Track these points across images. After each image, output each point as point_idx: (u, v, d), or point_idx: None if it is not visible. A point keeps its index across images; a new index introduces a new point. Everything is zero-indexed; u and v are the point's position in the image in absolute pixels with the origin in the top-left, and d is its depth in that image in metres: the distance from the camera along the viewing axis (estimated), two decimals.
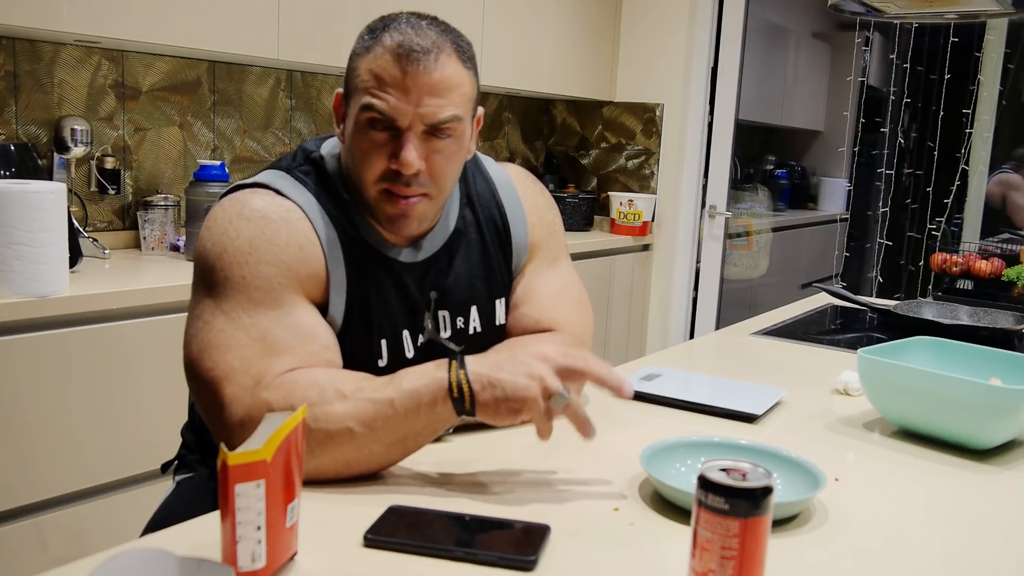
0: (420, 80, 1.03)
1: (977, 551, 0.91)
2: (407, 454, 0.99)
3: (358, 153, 1.07)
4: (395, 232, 1.11)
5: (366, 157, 1.06)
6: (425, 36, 1.04)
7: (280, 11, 2.36)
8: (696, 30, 3.65)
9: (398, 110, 1.03)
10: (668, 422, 1.27)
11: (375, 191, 1.08)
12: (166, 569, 0.66)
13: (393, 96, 1.03)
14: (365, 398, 0.95)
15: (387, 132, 1.05)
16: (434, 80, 1.03)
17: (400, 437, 0.96)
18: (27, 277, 1.71)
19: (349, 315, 1.09)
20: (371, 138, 1.05)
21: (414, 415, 0.95)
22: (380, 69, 1.03)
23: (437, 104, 1.04)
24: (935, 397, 1.17)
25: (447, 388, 0.95)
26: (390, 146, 1.05)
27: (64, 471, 1.81)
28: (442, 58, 1.04)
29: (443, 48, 1.05)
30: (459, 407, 0.95)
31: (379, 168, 1.06)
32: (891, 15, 2.37)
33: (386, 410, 0.95)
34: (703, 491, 0.72)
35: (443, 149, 1.07)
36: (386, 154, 1.05)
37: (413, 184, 1.06)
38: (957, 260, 2.48)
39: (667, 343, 3.77)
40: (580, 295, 1.29)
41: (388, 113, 1.03)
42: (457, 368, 0.95)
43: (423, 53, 1.03)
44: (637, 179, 3.78)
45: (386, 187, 1.07)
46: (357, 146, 1.07)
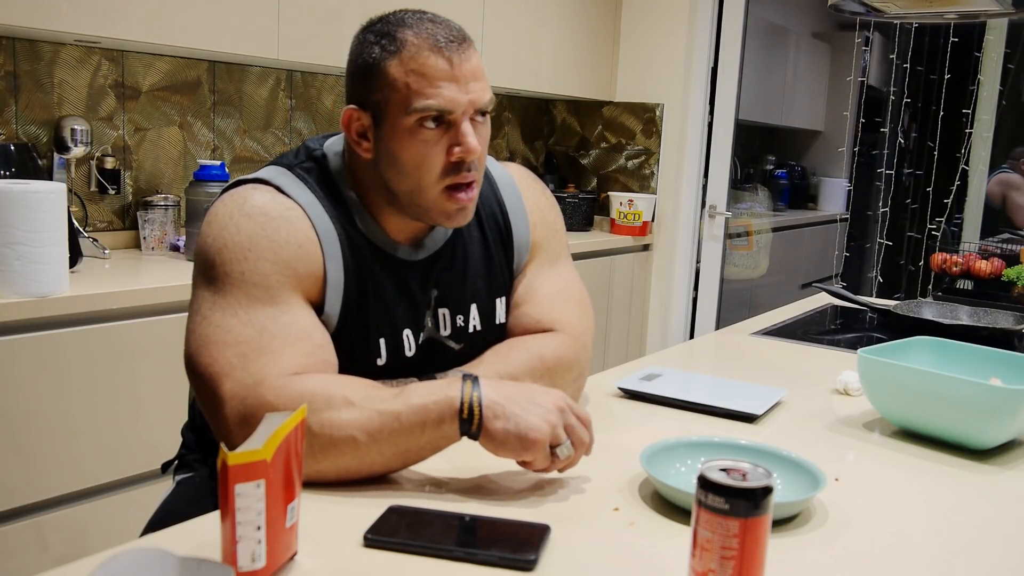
0: (465, 67, 1.04)
1: (977, 551, 0.91)
2: (406, 466, 0.99)
3: (411, 159, 1.05)
4: (456, 224, 1.11)
5: (424, 160, 1.05)
6: (447, 26, 1.06)
7: (280, 11, 2.36)
8: (696, 30, 3.65)
9: (455, 101, 1.03)
10: (668, 422, 1.27)
11: (437, 191, 1.07)
12: (166, 569, 0.66)
13: (447, 89, 1.03)
14: (372, 408, 0.95)
15: (439, 127, 1.05)
16: (473, 65, 1.05)
17: (402, 450, 0.96)
18: (27, 277, 1.71)
19: (345, 314, 1.09)
20: (425, 139, 1.04)
21: (419, 431, 0.95)
22: (422, 67, 1.03)
23: (481, 88, 1.06)
24: (935, 397, 1.17)
25: (457, 407, 0.95)
26: (445, 140, 1.05)
27: (64, 471, 1.81)
28: (468, 44, 1.06)
29: (465, 35, 1.07)
30: (464, 428, 0.95)
31: (439, 166, 1.05)
32: (891, 15, 2.37)
33: (392, 423, 0.95)
34: (703, 491, 0.72)
35: (484, 132, 1.09)
36: (443, 149, 1.05)
37: (473, 169, 1.07)
38: (957, 260, 2.48)
39: (667, 343, 3.77)
40: (581, 295, 1.29)
41: (446, 107, 1.03)
42: (471, 389, 0.96)
43: (458, 42, 1.04)
44: (637, 179, 3.78)
45: (450, 182, 1.06)
46: (408, 152, 1.05)
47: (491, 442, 0.95)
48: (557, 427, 0.95)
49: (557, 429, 0.95)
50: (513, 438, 0.94)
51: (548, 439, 0.94)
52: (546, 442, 0.94)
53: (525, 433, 0.94)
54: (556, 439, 0.95)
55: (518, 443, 0.94)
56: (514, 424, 0.94)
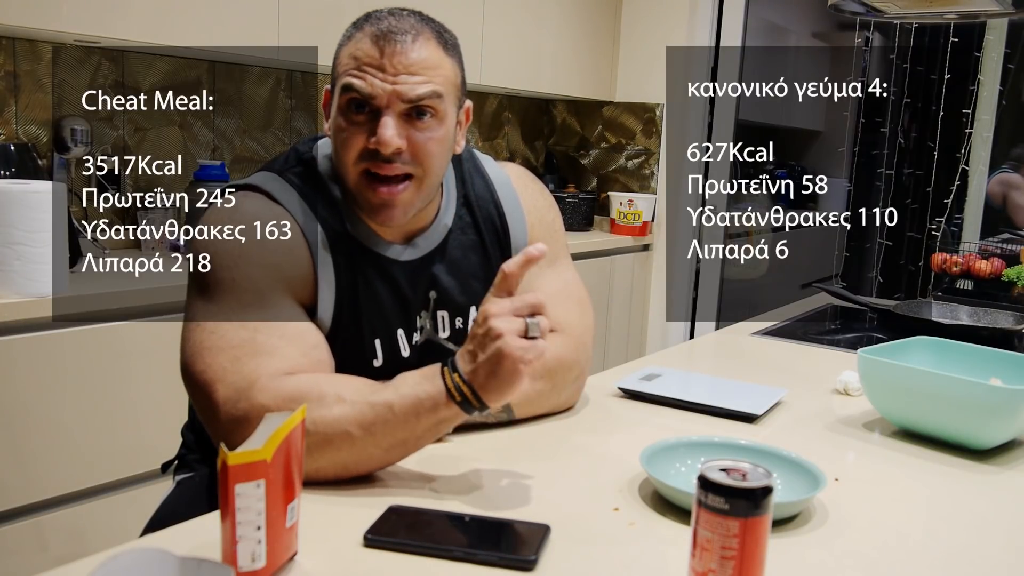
0: (396, 59, 1.04)
1: (977, 551, 0.91)
2: (407, 456, 0.99)
3: (337, 136, 1.08)
4: (382, 223, 1.11)
5: (344, 140, 1.07)
6: (404, 21, 1.07)
7: (280, 11, 2.36)
8: (696, 30, 3.65)
9: (375, 87, 1.04)
10: (668, 422, 1.27)
11: (355, 173, 1.08)
12: (166, 569, 0.66)
13: (370, 75, 1.04)
14: (364, 401, 0.95)
15: (366, 114, 1.06)
16: (411, 59, 1.05)
17: (399, 441, 0.96)
18: (27, 277, 1.71)
19: (339, 315, 1.09)
20: (350, 119, 1.06)
21: (414, 419, 0.95)
22: (358, 51, 1.05)
23: (415, 81, 1.05)
24: (935, 397, 1.17)
25: (447, 395, 0.94)
26: (369, 126, 1.06)
27: (64, 471, 1.81)
28: (420, 40, 1.06)
29: (421, 32, 1.07)
30: (468, 408, 0.95)
31: (357, 147, 1.06)
32: (891, 15, 2.37)
33: (385, 414, 0.95)
34: (703, 491, 0.72)
35: (424, 129, 1.07)
36: (365, 134, 1.06)
37: (396, 161, 1.06)
38: (957, 260, 2.48)
39: (667, 343, 3.77)
40: (580, 295, 1.29)
41: (365, 91, 1.04)
42: (450, 373, 0.95)
43: (401, 34, 1.05)
44: (637, 179, 3.78)
45: (365, 167, 1.07)
46: (337, 129, 1.08)
47: (495, 395, 0.93)
48: (504, 330, 0.92)
49: (504, 329, 0.92)
50: (498, 376, 0.92)
51: (512, 344, 0.91)
52: (511, 348, 0.91)
53: (496, 362, 0.91)
54: (520, 333, 0.92)
55: (505, 372, 0.92)
56: (487, 368, 0.92)
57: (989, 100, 4.07)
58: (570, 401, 1.26)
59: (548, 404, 1.22)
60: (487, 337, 0.93)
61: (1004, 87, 4.10)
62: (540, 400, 1.20)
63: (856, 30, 4.22)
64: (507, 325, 0.92)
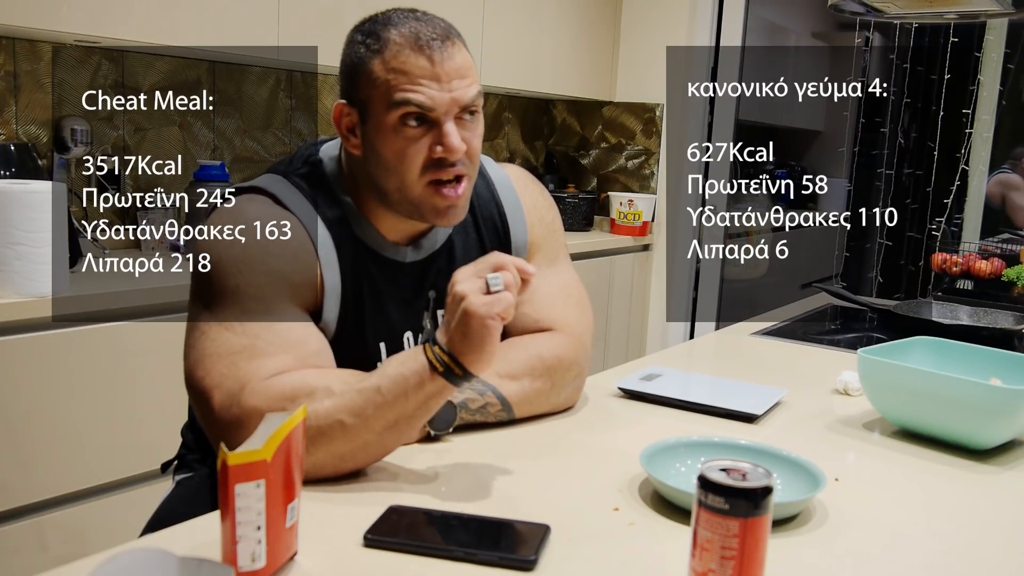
0: (447, 66, 1.04)
1: (977, 551, 0.91)
2: (401, 439, 0.99)
3: (394, 155, 1.06)
4: (448, 224, 1.11)
5: (404, 156, 1.05)
6: (432, 24, 1.06)
7: (280, 11, 2.36)
8: (696, 30, 3.65)
9: (436, 100, 1.03)
10: (668, 422, 1.27)
11: (421, 187, 1.07)
12: (166, 569, 0.66)
13: (428, 87, 1.03)
14: (352, 390, 0.96)
15: (422, 126, 1.05)
16: (457, 63, 1.05)
17: (391, 422, 0.96)
18: (27, 277, 1.71)
19: (344, 319, 1.09)
20: (407, 135, 1.04)
21: (403, 398, 0.95)
22: (403, 64, 1.03)
23: (466, 85, 1.05)
24: (935, 397, 1.17)
25: (430, 370, 0.94)
26: (428, 138, 1.05)
27: (64, 471, 1.81)
28: (456, 41, 1.06)
29: (450, 32, 1.07)
30: (453, 378, 0.94)
31: (420, 161, 1.05)
32: (891, 15, 2.37)
33: (374, 397, 0.95)
34: (703, 491, 0.72)
35: (474, 128, 1.08)
36: (426, 146, 1.05)
37: (457, 165, 1.06)
38: (957, 260, 2.47)
39: (667, 343, 3.77)
40: (580, 295, 1.29)
41: (427, 104, 1.03)
42: (431, 347, 0.95)
43: (441, 40, 1.04)
44: (637, 179, 3.78)
45: (432, 178, 1.06)
46: (391, 148, 1.05)
47: (474, 358, 0.94)
48: (467, 292, 0.93)
49: (467, 290, 0.93)
50: (469, 337, 0.92)
51: (474, 303, 0.92)
52: (475, 307, 0.92)
53: (465, 324, 0.92)
54: (483, 291, 0.93)
55: (474, 332, 0.92)
56: (460, 333, 0.93)
57: (989, 100, 4.07)
58: (570, 401, 1.26)
59: (548, 404, 1.22)
60: (453, 302, 0.94)
61: (1004, 87, 4.09)
62: (540, 400, 1.20)
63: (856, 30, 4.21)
64: (469, 286, 0.94)
